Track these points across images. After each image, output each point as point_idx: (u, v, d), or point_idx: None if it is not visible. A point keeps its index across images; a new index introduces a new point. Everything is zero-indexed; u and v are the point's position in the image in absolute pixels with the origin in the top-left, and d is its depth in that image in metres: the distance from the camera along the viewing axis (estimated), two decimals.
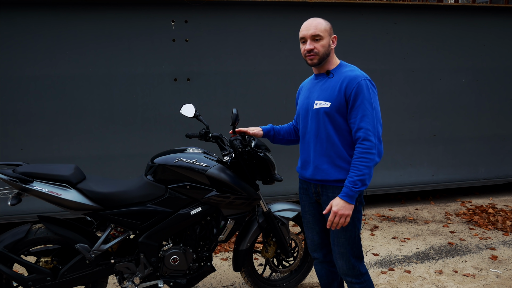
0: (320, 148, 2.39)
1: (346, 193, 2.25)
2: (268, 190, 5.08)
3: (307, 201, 2.61)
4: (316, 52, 2.35)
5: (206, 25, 4.82)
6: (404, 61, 5.50)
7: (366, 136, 2.25)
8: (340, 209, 2.24)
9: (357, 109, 2.27)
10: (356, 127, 2.28)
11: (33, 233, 2.63)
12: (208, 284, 3.58)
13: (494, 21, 5.70)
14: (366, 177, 2.24)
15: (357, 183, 2.23)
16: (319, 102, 2.37)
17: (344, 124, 2.34)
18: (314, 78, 2.53)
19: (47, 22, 4.44)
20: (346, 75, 2.33)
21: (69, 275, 2.66)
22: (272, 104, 5.08)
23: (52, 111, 4.55)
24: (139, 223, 2.71)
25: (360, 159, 2.24)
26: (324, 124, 2.36)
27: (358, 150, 2.26)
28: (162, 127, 4.84)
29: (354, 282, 2.50)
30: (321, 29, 2.35)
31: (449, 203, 5.85)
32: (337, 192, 2.36)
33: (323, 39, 2.35)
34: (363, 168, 2.23)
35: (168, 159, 2.77)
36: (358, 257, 2.48)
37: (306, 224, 2.68)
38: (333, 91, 2.33)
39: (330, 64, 2.44)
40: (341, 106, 2.31)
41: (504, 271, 3.79)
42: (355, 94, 2.27)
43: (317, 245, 2.67)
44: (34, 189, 2.53)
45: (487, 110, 5.86)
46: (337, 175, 2.36)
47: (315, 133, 2.41)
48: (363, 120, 2.26)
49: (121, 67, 4.66)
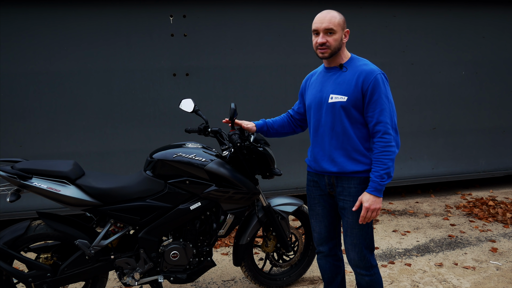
0: (336, 142, 2.41)
1: (374, 187, 2.29)
2: (267, 184, 5.08)
3: (317, 193, 2.61)
4: (328, 45, 2.34)
5: (205, 19, 4.80)
6: (404, 54, 5.48)
7: (386, 129, 2.29)
8: (372, 204, 2.29)
9: (374, 103, 2.30)
10: (375, 121, 2.31)
11: (33, 229, 2.63)
12: (208, 279, 3.58)
13: (494, 13, 5.67)
14: (391, 169, 2.29)
15: (383, 176, 2.28)
16: (334, 96, 2.37)
17: (360, 118, 2.37)
18: (325, 71, 2.51)
19: (45, 18, 4.42)
20: (362, 69, 2.35)
21: (69, 271, 2.66)
22: (271, 98, 5.07)
23: (51, 107, 4.54)
24: (139, 218, 2.71)
25: (383, 153, 2.28)
26: (340, 118, 2.37)
27: (380, 144, 2.30)
28: (161, 122, 4.83)
29: (364, 274, 2.52)
30: (335, 23, 2.33)
31: (449, 196, 5.85)
32: (352, 182, 2.41)
33: (336, 33, 2.34)
34: (387, 161, 2.28)
35: (167, 154, 2.77)
36: (370, 249, 2.51)
37: (314, 217, 2.67)
38: (349, 85, 2.34)
39: (342, 58, 2.43)
40: (357, 100, 2.33)
41: (504, 263, 3.80)
42: (372, 88, 2.30)
43: (324, 239, 2.67)
44: (33, 185, 2.53)
45: (487, 102, 5.85)
46: (353, 167, 2.39)
47: (330, 127, 2.41)
48: (382, 114, 2.29)
49: (119, 62, 4.65)
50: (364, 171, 2.40)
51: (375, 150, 2.31)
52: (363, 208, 2.30)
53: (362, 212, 2.31)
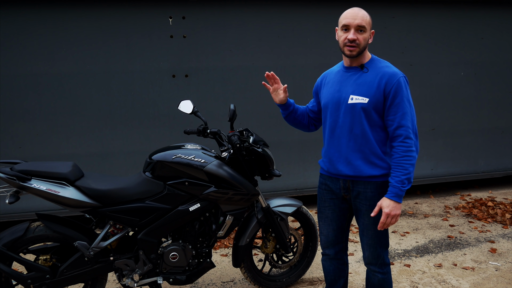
0: (354, 144, 2.36)
1: (395, 193, 2.25)
2: (267, 185, 5.08)
3: (328, 197, 2.57)
4: (358, 43, 2.27)
5: (204, 21, 4.80)
6: (403, 55, 5.48)
7: (407, 134, 2.25)
8: (392, 210, 2.25)
9: (396, 106, 2.26)
10: (396, 125, 2.26)
11: (32, 231, 2.63)
12: (208, 280, 3.58)
13: (493, 14, 5.68)
14: (411, 175, 2.26)
15: (404, 182, 2.24)
16: (355, 97, 2.31)
17: (379, 120, 2.32)
18: (344, 71, 2.44)
19: (45, 20, 4.42)
20: (384, 71, 2.30)
21: (68, 272, 2.66)
22: (271, 99, 5.05)
23: (51, 108, 4.54)
24: (138, 220, 2.71)
25: (404, 157, 2.24)
26: (360, 120, 2.32)
27: (401, 148, 2.25)
28: (160, 124, 4.83)
29: (377, 271, 2.52)
30: (367, 21, 2.28)
31: (448, 197, 5.85)
32: (369, 186, 2.38)
33: (366, 31, 2.29)
34: (408, 166, 2.24)
35: (166, 155, 2.77)
36: (385, 247, 2.50)
37: (323, 220, 2.63)
38: (370, 87, 2.29)
39: (364, 58, 2.38)
40: (379, 102, 2.28)
41: (504, 264, 3.80)
42: (395, 91, 2.25)
43: (330, 242, 2.65)
44: (32, 187, 2.52)
45: (486, 103, 5.86)
46: (370, 171, 2.35)
47: (348, 129, 2.36)
48: (404, 118, 2.25)
49: (119, 64, 4.65)
50: (381, 176, 2.36)
51: (396, 155, 2.26)
52: (383, 214, 2.26)
53: (382, 218, 2.27)
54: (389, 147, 2.36)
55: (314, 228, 3.38)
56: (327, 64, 5.11)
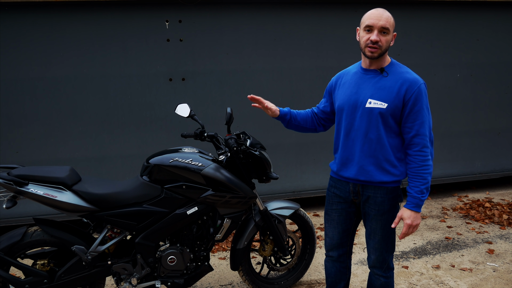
0: (368, 149, 2.33)
1: (415, 203, 2.25)
2: (264, 188, 5.08)
3: (336, 200, 2.56)
4: (380, 45, 2.22)
5: (200, 24, 4.81)
6: (399, 57, 5.48)
7: (425, 143, 2.24)
8: (414, 220, 2.26)
9: (416, 114, 2.23)
10: (414, 133, 2.24)
11: (29, 235, 2.62)
12: (206, 283, 3.58)
13: (488, 15, 5.70)
14: (429, 184, 2.25)
15: (423, 191, 2.24)
16: (373, 101, 2.27)
17: (395, 127, 2.30)
18: (363, 73, 2.38)
19: (41, 24, 4.42)
20: (406, 77, 2.26)
21: (66, 277, 2.65)
22: None
23: (47, 113, 4.53)
24: (136, 223, 2.71)
25: (423, 167, 2.23)
26: (376, 125, 2.28)
27: (419, 158, 2.24)
28: (157, 127, 4.83)
29: (381, 275, 2.52)
30: (391, 23, 2.23)
31: (446, 198, 5.86)
32: (379, 192, 2.37)
33: (389, 34, 2.24)
34: (427, 175, 2.24)
35: (164, 159, 2.77)
36: (391, 251, 2.50)
37: (329, 222, 2.62)
38: (390, 92, 2.25)
39: (384, 61, 2.34)
40: (397, 108, 2.24)
41: (501, 265, 3.81)
42: (415, 98, 2.22)
43: (335, 245, 2.64)
44: (29, 191, 2.52)
45: (482, 104, 5.88)
46: (382, 177, 2.34)
47: (364, 132, 2.32)
48: (422, 126, 2.23)
49: (116, 67, 4.65)
50: (392, 182, 2.35)
51: (414, 164, 2.25)
52: (405, 225, 2.26)
53: (404, 229, 2.27)
54: (403, 153, 2.34)
55: (312, 231, 3.39)
56: (323, 67, 5.16)
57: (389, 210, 2.38)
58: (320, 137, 4.71)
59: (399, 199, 2.41)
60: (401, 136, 2.33)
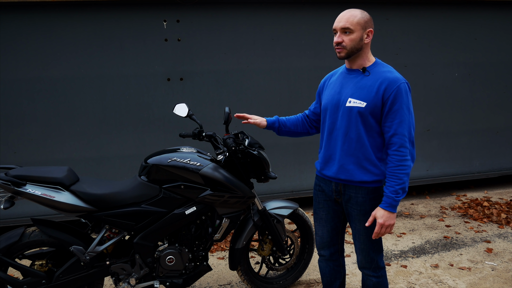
0: (348, 148, 2.34)
1: (389, 203, 2.23)
2: (263, 188, 5.08)
3: (323, 198, 2.57)
4: (343, 45, 2.25)
5: (198, 24, 4.81)
6: (397, 57, 5.50)
7: (403, 142, 2.22)
8: (386, 220, 2.23)
9: (394, 113, 2.22)
10: (393, 132, 2.23)
11: (27, 236, 2.62)
12: (204, 283, 3.58)
13: (486, 14, 5.71)
14: (406, 184, 2.23)
15: (398, 191, 2.22)
16: (353, 100, 2.29)
17: (376, 126, 2.29)
18: (347, 73, 2.41)
19: (38, 24, 4.41)
20: (385, 76, 2.26)
21: (64, 277, 2.65)
22: (266, 102, 5.08)
23: (45, 113, 4.52)
24: (134, 224, 2.70)
25: (399, 167, 2.21)
26: (356, 124, 2.29)
27: (395, 158, 2.22)
28: (155, 127, 4.82)
29: (371, 275, 2.52)
30: (352, 22, 2.24)
31: (444, 197, 5.87)
32: (360, 192, 2.36)
33: (353, 32, 2.24)
34: (402, 176, 2.21)
35: (162, 159, 2.77)
36: (378, 251, 2.49)
37: (318, 221, 2.64)
38: (370, 91, 2.25)
39: (365, 61, 2.35)
40: (376, 108, 2.24)
41: (500, 264, 3.81)
42: (394, 97, 2.21)
43: (325, 243, 2.66)
44: (27, 192, 2.51)
45: (480, 103, 5.88)
46: (362, 177, 2.33)
47: (344, 132, 2.33)
48: (401, 126, 2.21)
49: (113, 68, 4.64)
50: (373, 182, 2.35)
51: (390, 164, 2.24)
52: (377, 224, 2.25)
53: (376, 228, 2.26)
54: (385, 153, 2.34)
55: (311, 230, 3.39)
56: (321, 67, 5.16)
57: (371, 211, 2.37)
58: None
59: (381, 199, 2.37)
60: (383, 136, 2.33)
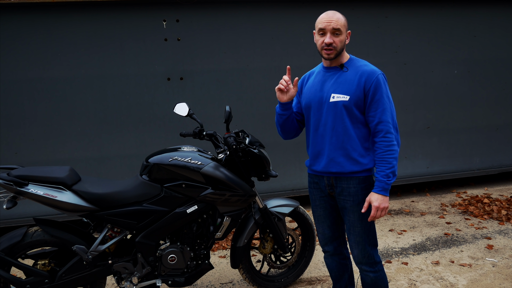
0: (336, 141, 2.42)
1: (382, 187, 2.33)
2: (264, 186, 5.09)
3: (318, 195, 2.63)
4: (334, 46, 2.36)
5: (198, 23, 4.81)
6: (396, 54, 5.51)
7: (388, 129, 2.34)
8: (381, 203, 2.32)
9: (376, 103, 2.35)
10: (377, 120, 2.35)
11: (30, 236, 2.63)
12: (206, 282, 3.59)
13: (485, 12, 5.71)
14: (395, 168, 2.34)
15: (389, 175, 2.32)
16: (336, 96, 2.39)
17: (361, 117, 2.40)
18: (325, 71, 2.52)
19: (38, 25, 4.42)
20: (363, 69, 2.39)
21: (67, 277, 2.66)
22: (266, 101, 5.08)
23: (46, 113, 4.53)
24: (136, 223, 2.72)
25: (387, 152, 2.33)
26: (341, 117, 2.39)
27: (383, 144, 2.34)
28: (156, 127, 4.83)
29: (369, 271, 2.56)
30: (341, 24, 2.38)
31: (444, 194, 5.88)
32: (351, 182, 2.45)
33: (341, 34, 2.38)
34: (392, 160, 2.33)
35: (163, 158, 2.78)
36: (374, 245, 2.55)
37: (317, 219, 2.70)
38: (351, 85, 2.37)
39: (343, 58, 2.47)
40: (359, 99, 2.36)
41: (500, 260, 3.82)
42: (375, 88, 2.34)
43: (328, 239, 2.70)
44: (29, 192, 2.53)
45: (480, 100, 5.89)
46: (352, 168, 2.42)
47: (331, 126, 2.42)
48: (384, 114, 2.34)
49: (113, 67, 4.65)
50: (363, 171, 2.43)
51: (379, 150, 2.35)
52: (372, 207, 2.33)
53: (372, 211, 2.33)
54: (371, 143, 2.43)
55: (312, 228, 3.39)
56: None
57: (364, 200, 2.44)
58: None
59: (371, 188, 2.44)
60: (368, 126, 2.43)
